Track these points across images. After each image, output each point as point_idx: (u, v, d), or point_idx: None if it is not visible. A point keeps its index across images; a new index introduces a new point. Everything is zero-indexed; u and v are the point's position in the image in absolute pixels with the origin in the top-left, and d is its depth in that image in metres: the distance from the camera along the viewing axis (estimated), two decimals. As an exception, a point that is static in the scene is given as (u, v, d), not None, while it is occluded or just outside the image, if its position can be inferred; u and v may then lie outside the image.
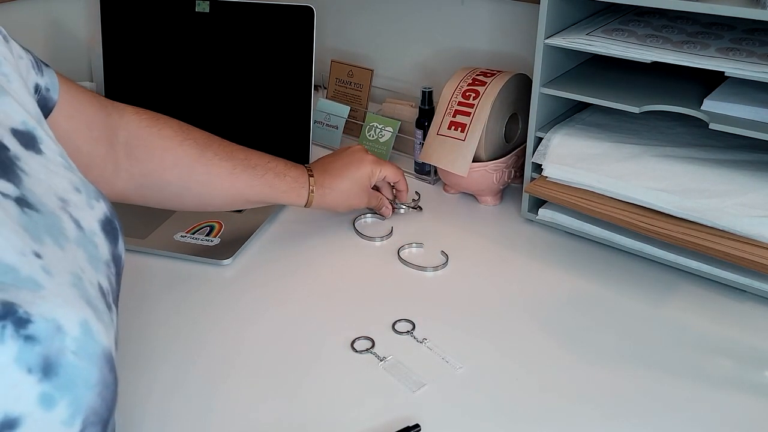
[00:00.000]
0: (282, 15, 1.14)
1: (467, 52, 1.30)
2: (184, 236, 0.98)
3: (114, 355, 0.47)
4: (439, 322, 0.83)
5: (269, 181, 0.89)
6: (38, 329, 0.40)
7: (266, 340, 0.80)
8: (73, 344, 0.42)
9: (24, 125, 0.54)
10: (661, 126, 0.97)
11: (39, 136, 0.55)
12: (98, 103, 0.78)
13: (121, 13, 1.21)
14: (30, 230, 0.47)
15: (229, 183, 0.87)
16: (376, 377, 0.75)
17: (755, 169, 0.86)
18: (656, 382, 0.74)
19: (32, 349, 0.40)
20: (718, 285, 0.88)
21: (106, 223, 0.57)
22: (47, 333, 0.41)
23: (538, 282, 0.90)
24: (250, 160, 0.89)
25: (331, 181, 0.95)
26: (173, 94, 1.22)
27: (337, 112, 1.26)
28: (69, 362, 0.42)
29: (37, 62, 0.67)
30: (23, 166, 0.51)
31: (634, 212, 0.88)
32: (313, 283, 0.91)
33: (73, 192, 0.55)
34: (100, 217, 0.57)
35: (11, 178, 0.49)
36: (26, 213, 0.48)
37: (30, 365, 0.40)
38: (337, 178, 0.95)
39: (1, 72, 0.57)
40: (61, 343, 0.42)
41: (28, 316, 0.40)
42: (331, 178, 0.95)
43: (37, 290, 0.43)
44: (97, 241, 0.54)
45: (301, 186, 0.92)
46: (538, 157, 0.97)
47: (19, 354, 0.39)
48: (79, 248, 0.51)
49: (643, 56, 0.85)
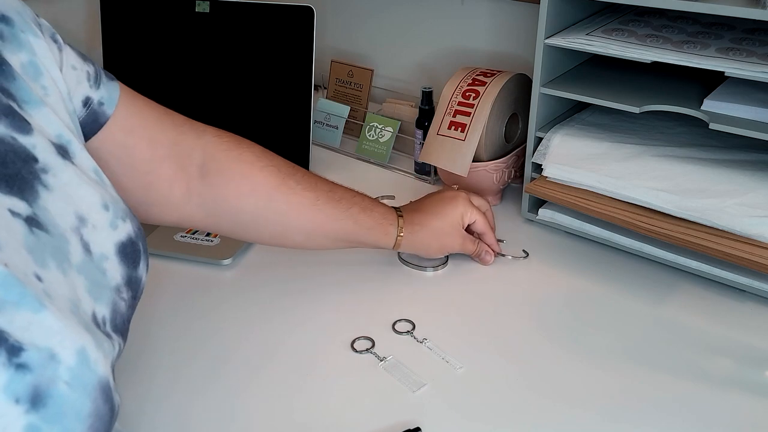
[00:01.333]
0: (282, 15, 1.14)
1: (467, 52, 1.30)
2: (184, 236, 0.98)
3: (112, 385, 0.47)
4: (439, 322, 0.83)
5: (354, 215, 0.80)
6: (31, 358, 0.40)
7: (266, 340, 0.80)
8: (66, 374, 0.42)
9: (59, 138, 0.54)
10: (661, 126, 0.97)
11: (73, 150, 0.55)
12: (171, 121, 0.73)
13: (121, 13, 1.21)
14: (34, 252, 0.46)
15: (311, 215, 0.78)
16: (376, 377, 0.75)
17: (755, 169, 0.86)
18: (656, 381, 0.74)
19: (22, 378, 0.39)
20: (718, 285, 0.88)
21: (127, 245, 0.55)
22: (40, 362, 0.40)
23: (538, 282, 0.90)
24: (335, 192, 0.80)
25: (421, 218, 0.86)
26: (173, 94, 1.21)
27: (337, 112, 1.26)
28: (60, 393, 0.41)
29: (97, 74, 0.65)
30: (48, 180, 0.50)
31: (634, 212, 0.88)
32: (313, 283, 0.91)
33: (98, 209, 0.54)
34: (122, 238, 0.55)
35: (27, 195, 0.48)
36: (34, 233, 0.47)
37: (18, 395, 0.39)
38: (428, 215, 0.87)
39: (40, 84, 0.55)
40: (54, 372, 0.41)
41: (20, 344, 0.40)
42: (422, 215, 0.87)
43: (37, 312, 0.42)
44: (106, 266, 0.53)
45: (389, 223, 0.83)
46: (538, 157, 0.97)
47: (8, 383, 0.39)
48: (80, 275, 0.50)
49: (643, 56, 0.85)
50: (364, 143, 1.23)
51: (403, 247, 0.86)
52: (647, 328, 0.82)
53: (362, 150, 1.23)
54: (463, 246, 0.90)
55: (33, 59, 0.56)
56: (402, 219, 0.85)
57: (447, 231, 0.88)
